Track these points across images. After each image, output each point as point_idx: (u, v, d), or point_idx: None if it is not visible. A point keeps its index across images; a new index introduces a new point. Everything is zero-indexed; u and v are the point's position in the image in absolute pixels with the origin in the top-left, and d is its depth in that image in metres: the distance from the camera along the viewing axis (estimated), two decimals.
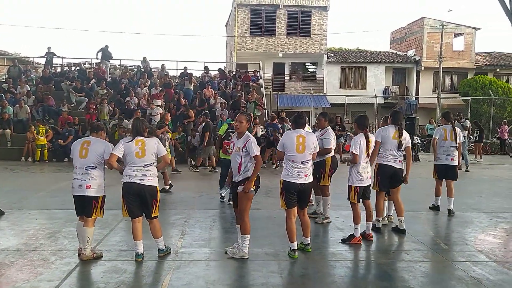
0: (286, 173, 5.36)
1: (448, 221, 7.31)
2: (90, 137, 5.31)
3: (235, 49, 30.63)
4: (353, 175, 5.89)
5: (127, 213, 5.19)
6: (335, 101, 29.58)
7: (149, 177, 5.11)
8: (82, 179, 5.12)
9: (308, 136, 5.40)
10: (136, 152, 5.07)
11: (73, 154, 5.24)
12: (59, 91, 18.84)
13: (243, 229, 5.21)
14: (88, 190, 5.11)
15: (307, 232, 5.51)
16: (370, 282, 4.66)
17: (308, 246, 5.53)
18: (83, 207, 5.22)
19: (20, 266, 5.00)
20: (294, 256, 5.29)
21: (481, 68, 30.69)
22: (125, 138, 5.31)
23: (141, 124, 5.22)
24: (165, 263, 5.15)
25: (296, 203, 5.37)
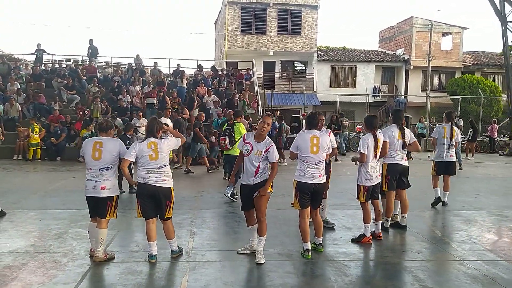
0: (300, 173, 5.35)
1: (452, 220, 7.40)
2: (100, 137, 5.22)
3: (225, 47, 30.54)
4: (362, 174, 5.92)
5: (141, 214, 5.15)
6: (325, 99, 29.73)
7: (163, 179, 5.07)
8: (96, 180, 5.06)
9: (322, 137, 5.39)
10: (149, 155, 5.02)
11: (85, 155, 5.16)
12: (50, 88, 18.55)
13: (261, 231, 5.16)
14: (103, 191, 5.05)
15: (320, 232, 5.53)
16: (388, 282, 4.68)
17: (320, 246, 5.55)
18: (96, 208, 5.15)
19: (32, 268, 4.91)
20: (308, 256, 5.30)
21: (468, 67, 31.12)
22: (137, 140, 5.33)
23: (156, 124, 5.15)
24: (179, 264, 5.12)
25: (309, 203, 5.38)
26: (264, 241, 5.18)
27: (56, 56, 22.12)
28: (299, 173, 5.36)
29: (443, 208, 8.28)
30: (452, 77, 31.23)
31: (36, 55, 20.33)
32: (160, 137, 5.14)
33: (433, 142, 8.53)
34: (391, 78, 32.67)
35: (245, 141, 5.23)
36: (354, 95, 28.76)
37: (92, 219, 5.27)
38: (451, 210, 8.08)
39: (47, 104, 17.20)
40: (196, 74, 20.56)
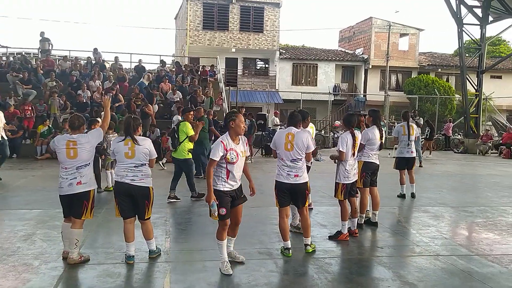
0: (277, 172, 5.37)
1: (421, 216, 7.60)
2: (72, 136, 4.97)
3: (187, 43, 30.15)
4: (341, 172, 5.97)
5: (119, 213, 4.99)
6: (287, 97, 29.94)
7: (140, 178, 4.93)
8: (72, 178, 4.86)
9: (298, 134, 5.28)
10: (125, 153, 4.90)
11: (58, 154, 4.93)
12: (4, 83, 17.68)
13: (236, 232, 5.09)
14: (79, 186, 4.86)
15: (307, 232, 5.43)
16: (370, 278, 4.75)
17: (308, 247, 5.43)
18: (71, 207, 4.95)
19: (3, 272, 4.64)
20: (288, 255, 5.28)
21: (424, 67, 32.21)
22: (116, 137, 5.22)
23: (133, 122, 4.98)
24: (158, 265, 4.98)
25: (289, 202, 5.37)
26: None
27: (10, 49, 21.08)
28: (277, 171, 5.38)
29: (411, 204, 8.54)
30: (408, 77, 32.25)
31: None
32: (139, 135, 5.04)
33: (394, 140, 8.95)
34: (351, 77, 33.35)
35: (228, 149, 4.66)
36: (315, 93, 29.10)
37: (66, 220, 5.05)
38: (419, 206, 8.33)
39: (2, 99, 16.38)
40: (159, 70, 20.17)
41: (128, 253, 4.98)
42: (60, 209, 6.98)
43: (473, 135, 21.82)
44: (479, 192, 10.27)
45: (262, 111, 27.93)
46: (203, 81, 19.94)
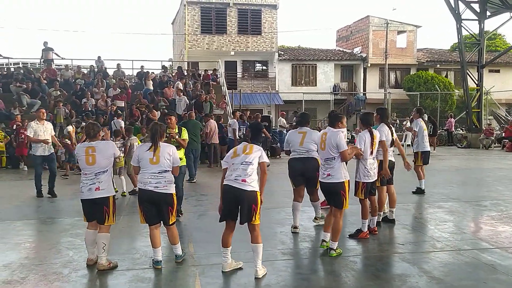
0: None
1: (437, 212, 7.69)
2: (91, 143, 5.12)
3: (186, 47, 30.25)
4: (361, 171, 6.04)
5: (144, 220, 5.05)
6: (287, 98, 30.06)
7: (163, 185, 4.95)
8: (91, 183, 4.99)
9: (331, 134, 5.40)
10: (150, 159, 4.94)
11: (79, 161, 5.11)
12: (8, 93, 17.72)
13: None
14: (97, 192, 4.97)
15: (336, 235, 5.37)
16: (396, 274, 4.82)
17: (333, 251, 5.34)
18: (94, 213, 5.06)
19: (34, 282, 4.70)
20: (323, 247, 5.50)
21: (422, 64, 32.38)
22: (142, 144, 5.22)
23: (159, 129, 5.05)
24: (186, 268, 5.04)
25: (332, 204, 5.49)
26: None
27: (12, 59, 21.13)
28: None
29: (424, 200, 8.63)
30: (407, 74, 32.40)
31: None
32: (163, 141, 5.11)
33: (415, 134, 9.03)
34: (350, 76, 33.50)
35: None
36: (316, 93, 29.22)
37: (89, 226, 5.13)
38: (432, 202, 8.41)
39: (6, 109, 16.44)
40: (161, 75, 20.24)
41: (155, 258, 5.04)
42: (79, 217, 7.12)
43: (475, 129, 21.93)
44: (489, 186, 10.35)
45: (262, 113, 28.05)
46: (206, 85, 19.99)
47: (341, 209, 5.36)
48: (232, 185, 4.65)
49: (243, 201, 4.59)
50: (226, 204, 4.72)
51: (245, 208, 4.58)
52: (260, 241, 4.71)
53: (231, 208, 4.66)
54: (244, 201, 4.58)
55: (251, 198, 4.61)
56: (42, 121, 9.18)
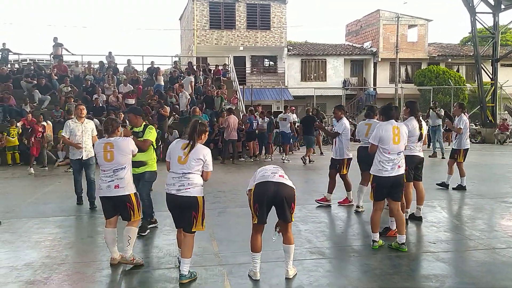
0: (378, 167, 5.32)
1: (463, 209, 7.50)
2: (110, 139, 4.96)
3: (194, 43, 30.05)
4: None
5: (174, 222, 4.73)
6: (296, 93, 29.83)
7: (186, 187, 4.46)
8: (110, 180, 4.84)
9: (401, 127, 5.42)
10: (179, 156, 4.50)
11: (98, 158, 4.97)
12: (18, 89, 17.63)
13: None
14: (117, 190, 4.81)
15: (402, 229, 5.32)
16: (433, 274, 4.62)
17: (403, 246, 5.29)
18: (116, 210, 4.93)
19: (58, 282, 4.56)
20: (375, 247, 5.33)
21: (433, 58, 31.97)
22: (179, 140, 4.70)
23: (199, 127, 4.55)
24: (213, 268, 4.87)
25: (385, 196, 5.43)
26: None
27: (23, 55, 21.05)
28: (378, 167, 5.32)
29: (449, 197, 8.43)
30: (418, 68, 32.03)
31: (1, 55, 19.25)
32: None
33: (459, 132, 8.87)
34: (360, 70, 33.16)
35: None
36: (325, 89, 28.95)
37: (107, 224, 4.97)
38: (457, 199, 8.22)
39: (17, 106, 16.35)
40: (172, 71, 20.08)
41: (179, 258, 4.82)
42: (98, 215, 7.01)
43: (490, 124, 21.61)
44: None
45: (271, 108, 27.85)
46: (216, 80, 19.81)
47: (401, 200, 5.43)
48: (271, 180, 4.39)
49: (282, 198, 4.33)
50: (262, 204, 4.36)
51: (285, 206, 4.35)
52: (293, 242, 4.54)
53: (268, 208, 4.41)
54: (283, 199, 4.34)
55: (292, 196, 4.41)
56: (82, 119, 7.78)
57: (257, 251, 4.52)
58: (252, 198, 4.43)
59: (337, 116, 7.78)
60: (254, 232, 4.53)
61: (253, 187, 4.46)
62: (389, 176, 5.28)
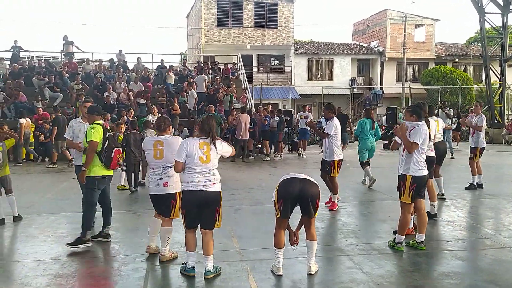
0: (416, 167, 5.30)
1: (477, 208, 7.57)
2: (160, 137, 5.04)
3: (202, 41, 30.14)
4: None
5: (186, 224, 4.60)
6: (303, 92, 29.89)
7: (213, 182, 4.50)
8: (159, 178, 4.93)
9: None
10: (200, 157, 4.44)
11: (147, 155, 5.05)
12: (29, 86, 17.79)
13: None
14: (166, 188, 4.92)
15: (422, 229, 5.42)
16: (453, 272, 4.72)
17: (422, 244, 5.40)
18: (160, 206, 5.04)
19: (86, 275, 4.71)
20: (401, 248, 5.36)
21: (441, 58, 31.95)
22: (192, 139, 4.62)
23: (213, 123, 4.57)
24: (236, 264, 4.98)
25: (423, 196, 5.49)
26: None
27: (34, 52, 21.21)
28: (415, 166, 5.30)
29: (462, 196, 8.51)
30: (425, 68, 32.02)
31: (12, 52, 19.42)
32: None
33: (480, 130, 9.08)
34: (367, 70, 33.17)
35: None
36: (333, 88, 29.01)
37: (157, 215, 5.15)
38: (470, 199, 8.30)
39: (29, 103, 16.51)
40: (181, 69, 20.20)
41: (190, 264, 4.63)
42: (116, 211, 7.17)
43: (497, 125, 21.62)
44: None
45: (278, 107, 27.92)
46: (225, 79, 19.92)
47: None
48: (296, 177, 4.51)
49: (307, 195, 4.43)
50: (286, 200, 4.45)
51: (309, 202, 4.45)
52: (315, 238, 4.64)
53: (293, 204, 4.51)
54: (308, 196, 4.44)
55: (317, 192, 4.52)
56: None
57: (281, 247, 4.62)
58: (277, 194, 4.53)
59: (328, 116, 7.49)
60: (277, 228, 4.64)
61: (278, 184, 4.57)
62: (425, 176, 5.37)
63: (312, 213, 4.51)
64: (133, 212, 7.64)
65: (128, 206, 8.13)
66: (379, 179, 9.49)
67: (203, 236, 4.57)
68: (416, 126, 5.39)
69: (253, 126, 14.82)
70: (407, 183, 5.31)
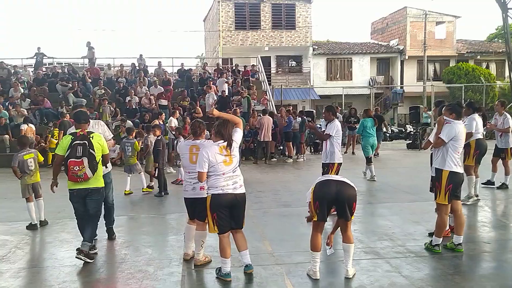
0: (454, 163, 5.21)
1: (510, 208, 7.39)
2: (196, 141, 5.03)
3: (220, 44, 30.24)
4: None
5: (217, 228, 4.57)
6: (322, 93, 29.72)
7: (240, 183, 4.58)
8: (195, 182, 4.89)
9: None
10: (224, 161, 4.48)
11: (182, 159, 5.07)
12: (53, 93, 18.07)
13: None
14: (203, 191, 4.87)
15: (460, 230, 5.30)
16: (496, 274, 4.60)
17: (460, 246, 5.27)
18: (195, 210, 5.01)
19: (123, 279, 4.70)
20: (438, 251, 5.24)
21: (462, 55, 31.44)
22: (209, 145, 4.59)
23: (229, 125, 4.57)
24: (271, 267, 4.93)
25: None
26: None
27: (57, 59, 21.54)
28: (457, 162, 5.23)
29: (493, 196, 8.33)
30: (446, 65, 31.56)
31: (36, 59, 19.76)
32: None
33: (507, 131, 8.79)
34: (386, 69, 32.83)
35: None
36: (353, 88, 28.78)
37: (189, 221, 5.14)
38: (503, 198, 8.13)
39: (53, 108, 16.76)
40: (202, 72, 20.28)
41: (225, 270, 4.58)
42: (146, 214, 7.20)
43: None
44: None
45: (297, 108, 27.79)
46: (245, 81, 19.92)
47: None
48: (333, 179, 4.47)
49: (344, 198, 4.37)
50: (322, 202, 4.40)
51: (346, 206, 4.39)
52: (352, 241, 4.58)
53: (329, 206, 4.47)
54: (345, 198, 4.38)
55: (354, 195, 4.45)
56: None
57: (317, 250, 4.56)
58: (313, 196, 4.48)
59: (328, 118, 7.25)
60: (314, 231, 4.58)
61: (314, 186, 4.52)
62: (462, 173, 5.29)
63: (349, 216, 4.45)
64: (162, 216, 7.67)
65: (157, 209, 8.16)
66: (405, 180, 9.41)
67: (235, 234, 4.66)
68: (449, 123, 5.32)
69: (274, 128, 14.79)
70: (442, 182, 5.20)
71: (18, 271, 5.10)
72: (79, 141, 5.11)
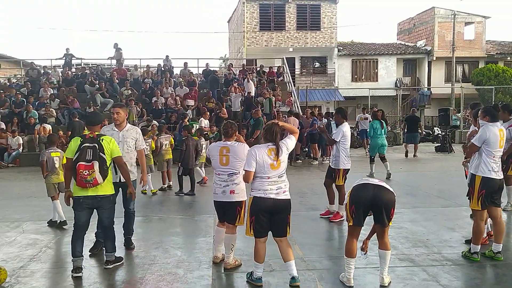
0: (489, 168, 5.01)
1: None
2: (226, 142, 4.95)
3: (244, 45, 30.23)
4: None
5: (254, 232, 4.46)
6: (346, 94, 29.40)
7: (284, 189, 4.43)
8: (225, 185, 4.84)
9: (504, 130, 5.29)
10: (271, 164, 4.35)
11: (212, 161, 4.97)
12: (82, 93, 18.34)
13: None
14: (233, 195, 4.82)
15: (499, 238, 5.10)
16: None
17: (499, 254, 5.07)
18: (225, 213, 4.95)
19: (154, 282, 4.66)
20: (477, 259, 5.05)
21: (492, 56, 30.68)
22: (259, 146, 4.50)
23: (277, 128, 4.45)
24: (303, 273, 4.80)
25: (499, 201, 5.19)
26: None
27: (85, 60, 21.88)
28: (488, 167, 5.02)
29: None
30: (475, 67, 30.84)
31: (65, 60, 20.10)
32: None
33: None
34: (413, 70, 32.30)
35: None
36: (379, 89, 28.35)
37: (219, 224, 5.08)
38: None
39: (81, 109, 16.99)
40: (226, 73, 20.28)
41: (257, 275, 4.48)
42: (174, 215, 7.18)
43: None
44: None
45: (321, 109, 27.54)
46: (270, 82, 19.82)
47: None
48: (371, 183, 4.33)
49: (381, 202, 4.23)
50: (359, 206, 4.27)
51: (383, 211, 4.25)
52: (389, 248, 4.42)
53: (366, 211, 4.33)
54: (383, 203, 4.23)
55: (392, 200, 4.30)
56: (121, 126, 5.63)
57: (352, 256, 4.43)
58: (349, 200, 4.35)
59: (338, 120, 7.08)
60: (349, 236, 4.45)
61: (351, 189, 4.39)
62: (499, 179, 5.06)
63: (386, 222, 4.29)
64: (190, 217, 7.63)
65: (184, 210, 8.14)
66: (438, 185, 9.12)
67: (279, 243, 4.49)
68: (483, 126, 5.13)
69: (300, 129, 14.62)
70: (476, 187, 5.02)
71: (49, 271, 5.12)
72: (89, 144, 4.76)
